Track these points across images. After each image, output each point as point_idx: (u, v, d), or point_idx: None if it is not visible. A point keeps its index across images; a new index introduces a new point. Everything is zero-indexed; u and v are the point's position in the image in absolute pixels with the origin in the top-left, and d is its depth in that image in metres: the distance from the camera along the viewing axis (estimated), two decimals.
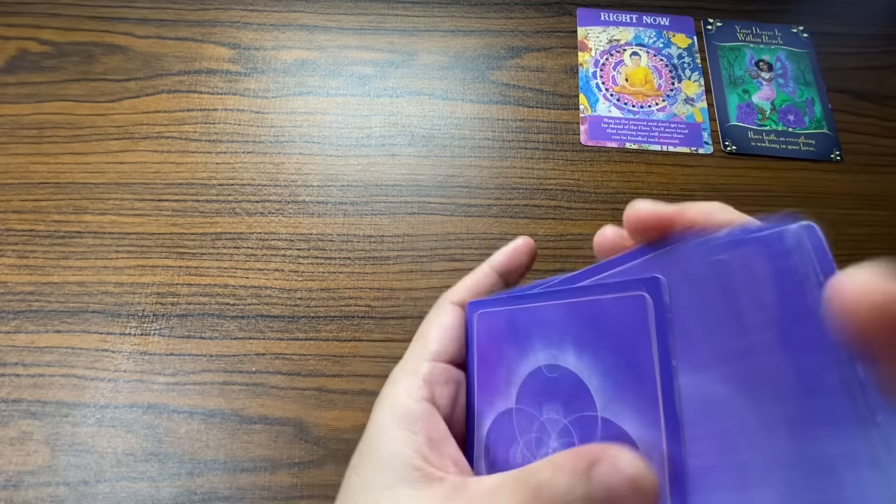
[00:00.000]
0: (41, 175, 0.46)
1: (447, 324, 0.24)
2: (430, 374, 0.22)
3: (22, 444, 0.37)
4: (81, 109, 0.49)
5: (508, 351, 0.23)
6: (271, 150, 0.48)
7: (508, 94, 0.52)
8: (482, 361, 0.24)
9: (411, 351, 0.24)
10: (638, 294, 0.18)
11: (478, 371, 0.24)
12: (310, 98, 0.51)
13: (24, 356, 0.40)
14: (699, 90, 0.53)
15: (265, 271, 0.44)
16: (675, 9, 0.57)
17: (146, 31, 0.53)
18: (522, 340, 0.22)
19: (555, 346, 0.21)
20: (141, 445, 0.38)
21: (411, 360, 0.23)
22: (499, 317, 0.23)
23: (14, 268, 0.43)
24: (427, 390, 0.22)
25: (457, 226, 0.46)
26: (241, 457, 0.38)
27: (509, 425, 0.22)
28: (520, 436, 0.21)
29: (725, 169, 0.49)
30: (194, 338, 0.41)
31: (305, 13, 0.55)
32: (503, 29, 0.55)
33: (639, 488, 0.15)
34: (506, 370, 0.22)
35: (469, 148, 0.49)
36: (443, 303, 0.25)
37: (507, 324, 0.23)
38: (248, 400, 0.39)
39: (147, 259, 0.43)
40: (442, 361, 0.23)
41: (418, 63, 0.53)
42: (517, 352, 0.22)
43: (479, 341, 0.24)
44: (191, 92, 0.50)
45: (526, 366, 0.22)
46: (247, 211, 0.46)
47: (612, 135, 0.50)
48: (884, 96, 0.53)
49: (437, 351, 0.23)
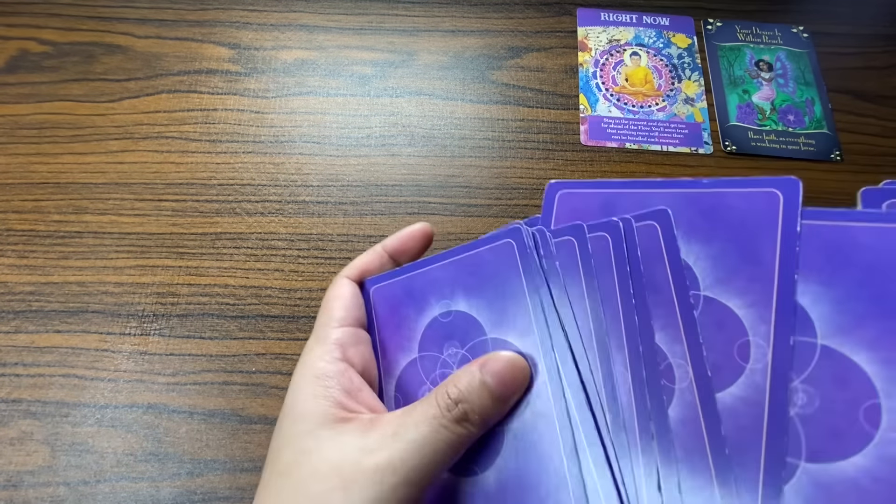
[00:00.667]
0: (41, 175, 0.46)
1: (345, 294, 0.26)
2: (340, 339, 0.25)
3: (22, 444, 0.37)
4: (81, 109, 0.49)
5: (406, 313, 0.26)
6: (271, 150, 0.48)
7: (508, 94, 0.52)
8: (383, 328, 0.27)
9: (318, 322, 0.26)
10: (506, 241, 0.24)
11: (380, 337, 0.27)
12: (310, 98, 0.51)
13: (24, 356, 0.40)
14: (699, 90, 0.53)
15: (265, 271, 0.44)
16: (675, 9, 0.57)
17: (146, 31, 0.53)
18: (418, 301, 0.26)
19: (447, 296, 0.25)
20: (141, 445, 0.38)
21: (320, 330, 0.25)
22: (393, 287, 0.27)
23: (14, 268, 0.43)
24: (340, 352, 0.24)
25: (457, 226, 0.46)
26: (241, 457, 0.38)
27: (415, 372, 0.25)
28: (426, 377, 0.25)
29: (725, 169, 0.49)
30: (194, 338, 0.41)
31: (305, 13, 0.55)
32: (503, 29, 0.55)
33: (515, 366, 0.21)
34: (406, 329, 0.26)
35: (469, 148, 0.49)
36: (338, 279, 0.28)
37: (402, 291, 0.26)
38: (248, 400, 0.39)
39: (147, 259, 0.43)
40: (348, 326, 0.26)
41: (418, 63, 0.53)
42: (414, 311, 0.26)
43: (378, 312, 0.27)
44: (191, 92, 0.50)
45: (423, 320, 0.25)
46: (247, 211, 0.46)
47: (612, 135, 0.50)
48: (884, 96, 0.53)
49: (342, 317, 0.26)
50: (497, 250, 0.24)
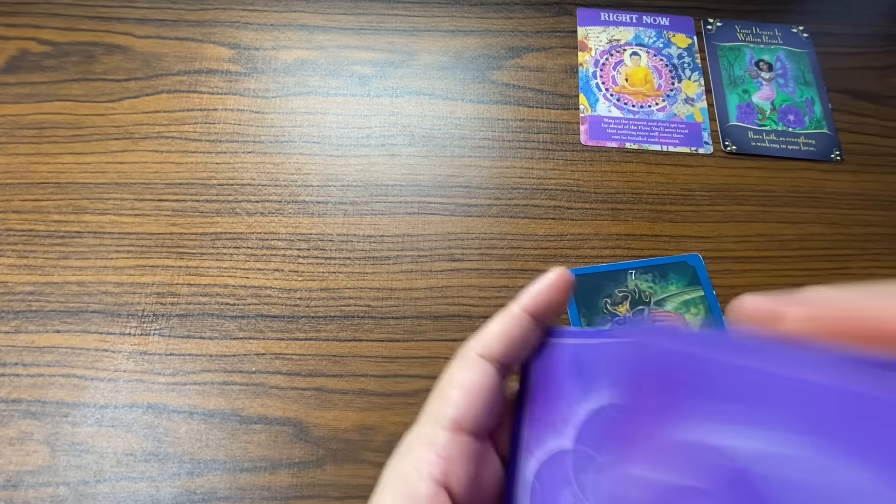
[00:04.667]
0: (41, 175, 0.46)
1: (473, 383, 0.20)
2: (446, 449, 0.19)
3: (22, 444, 0.37)
4: (81, 109, 0.49)
5: (571, 386, 0.20)
6: (271, 150, 0.48)
7: (508, 94, 0.52)
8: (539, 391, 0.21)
9: (428, 412, 0.20)
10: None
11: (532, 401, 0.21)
12: (310, 98, 0.51)
13: (24, 356, 0.40)
14: (699, 90, 0.53)
15: (265, 271, 0.44)
16: (675, 9, 0.57)
17: (146, 31, 0.53)
18: (588, 377, 0.20)
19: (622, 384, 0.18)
20: (141, 445, 0.38)
21: (427, 426, 0.20)
22: (565, 350, 0.21)
23: (14, 268, 0.43)
24: (440, 468, 0.19)
25: (457, 226, 0.46)
26: (240, 457, 0.38)
27: (562, 466, 0.20)
28: (574, 477, 0.19)
29: (725, 169, 0.49)
30: (194, 338, 0.41)
31: (305, 13, 0.55)
32: (503, 29, 0.55)
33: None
34: (565, 406, 0.20)
35: (469, 148, 0.49)
36: (468, 354, 0.21)
37: (571, 358, 0.20)
38: (248, 400, 0.39)
39: (147, 259, 0.43)
40: (464, 431, 0.20)
41: (418, 63, 0.53)
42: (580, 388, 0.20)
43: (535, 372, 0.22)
44: (191, 92, 0.50)
45: (588, 403, 0.19)
46: (247, 211, 0.46)
47: (612, 135, 0.50)
48: (884, 96, 0.53)
49: (459, 417, 0.20)
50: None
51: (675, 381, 0.16)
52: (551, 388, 0.21)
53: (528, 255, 0.45)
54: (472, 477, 0.19)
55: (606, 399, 0.19)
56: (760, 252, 0.46)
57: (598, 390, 0.19)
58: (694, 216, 0.47)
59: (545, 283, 0.22)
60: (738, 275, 0.45)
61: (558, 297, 0.22)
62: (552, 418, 0.20)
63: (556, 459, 0.20)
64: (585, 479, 0.19)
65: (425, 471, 0.19)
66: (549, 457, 0.20)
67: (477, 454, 0.20)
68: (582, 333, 0.21)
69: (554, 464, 0.20)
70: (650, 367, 0.17)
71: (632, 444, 0.17)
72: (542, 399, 0.21)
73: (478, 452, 0.20)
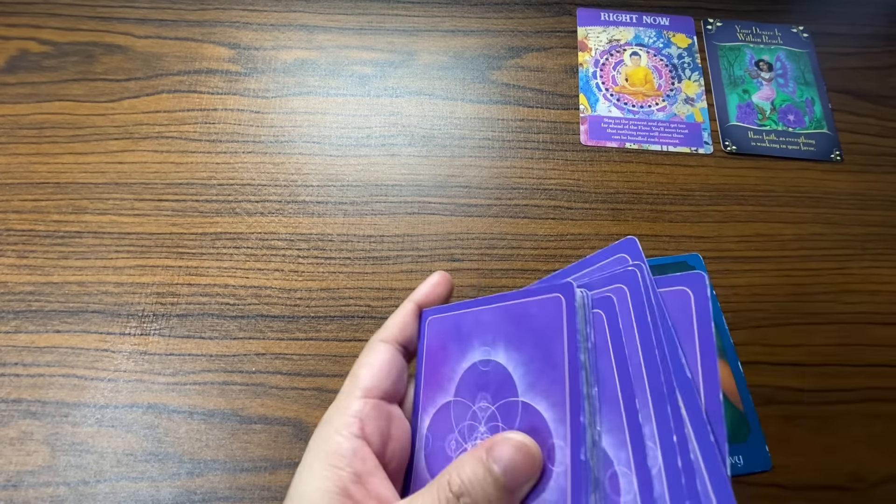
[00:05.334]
0: (41, 175, 0.46)
1: (377, 361, 0.25)
2: (361, 411, 0.23)
3: (22, 444, 0.37)
4: (81, 109, 0.49)
5: (452, 350, 0.25)
6: (271, 150, 0.48)
7: (508, 94, 0.52)
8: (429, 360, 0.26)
9: (343, 390, 0.24)
10: (554, 296, 0.22)
11: (425, 369, 0.26)
12: (310, 98, 0.51)
13: (24, 356, 0.40)
14: (699, 90, 0.53)
15: (265, 271, 0.44)
16: (675, 9, 0.57)
17: (146, 31, 0.53)
18: (464, 340, 0.25)
19: (489, 343, 0.24)
20: (141, 445, 0.38)
21: (343, 399, 0.24)
22: (446, 321, 0.26)
23: (14, 268, 0.43)
24: (358, 427, 0.23)
25: (457, 226, 0.46)
26: (241, 457, 0.38)
27: (447, 416, 0.24)
28: (455, 425, 0.24)
29: (725, 169, 0.49)
30: (194, 338, 0.41)
31: (305, 13, 0.55)
32: (503, 29, 0.55)
33: (526, 452, 0.19)
34: (448, 367, 0.25)
35: (469, 148, 0.49)
36: (372, 342, 0.26)
37: (452, 327, 0.26)
38: (248, 400, 0.39)
39: (147, 259, 0.43)
40: (373, 398, 0.24)
41: (418, 63, 0.53)
42: (459, 351, 0.25)
43: (428, 342, 0.26)
44: (191, 92, 0.50)
45: (465, 362, 0.24)
46: (247, 211, 0.46)
47: (612, 135, 0.50)
48: (884, 96, 0.53)
49: (368, 387, 0.24)
50: (544, 304, 0.22)
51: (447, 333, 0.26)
52: (439, 355, 0.26)
53: (528, 255, 0.45)
54: (384, 429, 0.24)
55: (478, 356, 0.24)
56: (760, 252, 0.46)
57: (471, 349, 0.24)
58: (694, 216, 0.47)
59: (431, 282, 0.28)
60: (738, 275, 0.45)
61: (441, 291, 0.28)
62: (439, 379, 0.25)
63: (442, 411, 0.25)
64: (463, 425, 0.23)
65: (345, 431, 0.22)
66: (436, 410, 0.25)
67: (386, 413, 0.24)
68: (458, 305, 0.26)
69: (440, 415, 0.25)
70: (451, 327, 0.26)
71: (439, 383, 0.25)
72: (432, 365, 0.26)
73: (387, 412, 0.24)
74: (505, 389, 0.22)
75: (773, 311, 0.44)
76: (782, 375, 0.42)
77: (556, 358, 0.21)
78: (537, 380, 0.21)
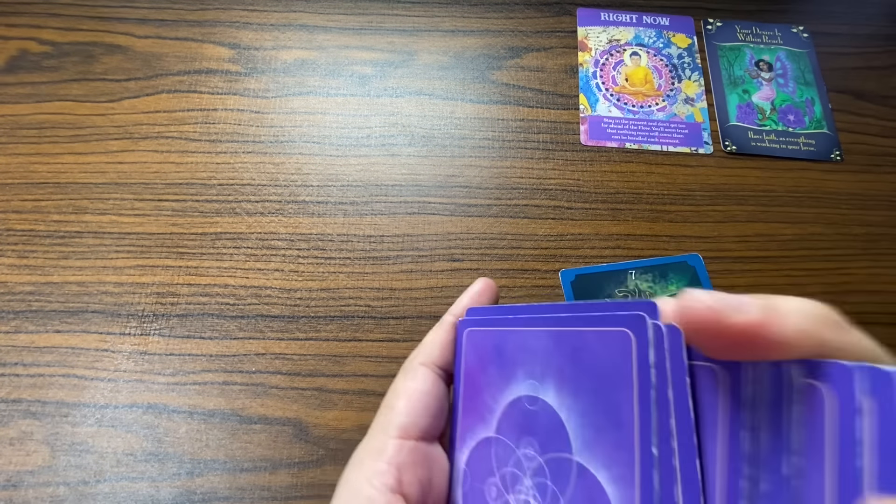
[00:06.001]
0: (41, 175, 0.46)
1: (416, 392, 0.21)
2: (396, 457, 0.20)
3: (22, 444, 0.37)
4: (81, 109, 0.49)
5: (493, 375, 0.21)
6: (271, 150, 0.48)
7: (508, 94, 0.52)
8: (468, 383, 0.22)
9: (376, 424, 0.21)
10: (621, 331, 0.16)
11: (463, 392, 0.22)
12: (310, 98, 0.51)
13: (24, 356, 0.40)
14: (699, 90, 0.53)
15: (265, 271, 0.44)
16: (675, 9, 0.57)
17: (146, 31, 0.53)
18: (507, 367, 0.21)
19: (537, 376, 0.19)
20: (141, 445, 0.38)
21: (376, 437, 0.20)
22: (485, 338, 0.22)
23: (14, 268, 0.43)
24: (394, 478, 0.19)
25: (457, 226, 0.46)
26: (241, 457, 0.38)
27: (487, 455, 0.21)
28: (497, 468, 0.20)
29: (725, 169, 0.49)
30: (194, 338, 0.41)
31: (305, 13, 0.55)
32: (503, 29, 0.55)
33: None
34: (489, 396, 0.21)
35: (469, 148, 0.49)
36: (411, 365, 0.22)
37: (493, 346, 0.21)
38: (248, 400, 0.39)
39: (147, 259, 0.43)
40: (411, 437, 0.20)
41: (418, 63, 0.53)
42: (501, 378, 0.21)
43: (466, 361, 0.22)
44: (191, 92, 0.50)
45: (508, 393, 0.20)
46: (247, 211, 0.46)
47: (612, 135, 0.50)
48: (884, 96, 0.53)
49: (405, 425, 0.20)
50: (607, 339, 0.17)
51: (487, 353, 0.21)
52: (479, 378, 0.22)
53: (528, 255, 0.45)
54: (424, 479, 0.20)
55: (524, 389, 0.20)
56: (760, 252, 0.46)
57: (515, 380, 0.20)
58: (694, 216, 0.47)
59: (473, 292, 0.24)
60: (738, 275, 0.45)
61: (485, 302, 0.24)
62: (479, 407, 0.21)
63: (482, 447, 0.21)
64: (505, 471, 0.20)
65: (378, 482, 0.19)
66: (476, 444, 0.21)
67: (426, 457, 0.21)
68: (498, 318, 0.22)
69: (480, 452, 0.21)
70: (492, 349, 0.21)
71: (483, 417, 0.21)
72: (471, 388, 0.22)
73: (427, 455, 0.21)
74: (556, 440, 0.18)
75: None
76: None
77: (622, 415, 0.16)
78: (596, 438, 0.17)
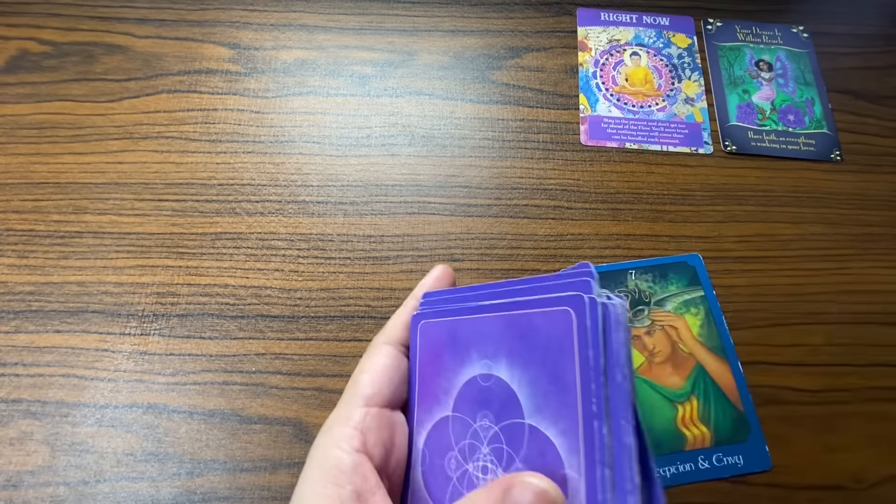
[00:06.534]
0: (41, 175, 0.46)
1: (379, 366, 0.24)
2: (362, 422, 0.22)
3: (22, 444, 0.37)
4: (81, 109, 0.49)
5: (447, 360, 0.23)
6: (271, 150, 0.48)
7: (508, 94, 0.52)
8: (423, 370, 0.24)
9: (344, 397, 0.24)
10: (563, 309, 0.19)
11: (419, 380, 0.24)
12: (310, 98, 0.51)
13: (24, 356, 0.40)
14: (699, 90, 0.53)
15: (265, 271, 0.44)
16: (675, 9, 0.57)
17: (146, 31, 0.53)
18: (461, 350, 0.23)
19: (490, 356, 0.22)
20: (141, 445, 0.38)
21: (343, 407, 0.23)
22: (440, 327, 0.24)
23: (14, 268, 0.43)
24: (359, 439, 0.22)
25: (457, 226, 0.46)
26: (241, 457, 0.38)
27: (445, 433, 0.23)
28: (455, 442, 0.22)
29: (725, 169, 0.49)
30: (194, 338, 0.41)
31: (305, 13, 0.55)
32: (503, 29, 0.55)
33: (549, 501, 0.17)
34: (444, 379, 0.23)
35: (469, 148, 0.49)
36: (374, 344, 0.25)
37: (447, 334, 0.24)
38: (248, 400, 0.39)
39: (147, 259, 0.43)
40: (375, 406, 0.23)
41: (418, 63, 0.53)
42: (455, 361, 0.23)
43: (421, 351, 0.25)
44: (191, 92, 0.50)
45: (463, 375, 0.23)
46: (247, 211, 0.46)
47: (612, 135, 0.50)
48: (884, 96, 0.53)
49: (369, 395, 0.23)
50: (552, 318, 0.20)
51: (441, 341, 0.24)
52: (434, 365, 0.24)
53: (528, 255, 0.45)
54: (387, 440, 0.23)
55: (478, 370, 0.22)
56: (760, 252, 0.46)
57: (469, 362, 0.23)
58: (694, 216, 0.47)
59: (433, 276, 0.27)
60: (738, 275, 0.45)
61: (444, 285, 0.27)
62: (435, 391, 0.24)
63: (440, 426, 0.23)
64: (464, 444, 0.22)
65: (346, 445, 0.22)
66: (433, 424, 0.23)
67: (389, 421, 0.23)
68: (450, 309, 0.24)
69: (438, 431, 0.23)
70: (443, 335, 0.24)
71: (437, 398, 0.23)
72: (426, 375, 0.24)
73: (389, 420, 0.23)
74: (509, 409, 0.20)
75: (773, 311, 0.44)
76: (782, 375, 0.42)
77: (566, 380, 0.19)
78: (545, 402, 0.19)
